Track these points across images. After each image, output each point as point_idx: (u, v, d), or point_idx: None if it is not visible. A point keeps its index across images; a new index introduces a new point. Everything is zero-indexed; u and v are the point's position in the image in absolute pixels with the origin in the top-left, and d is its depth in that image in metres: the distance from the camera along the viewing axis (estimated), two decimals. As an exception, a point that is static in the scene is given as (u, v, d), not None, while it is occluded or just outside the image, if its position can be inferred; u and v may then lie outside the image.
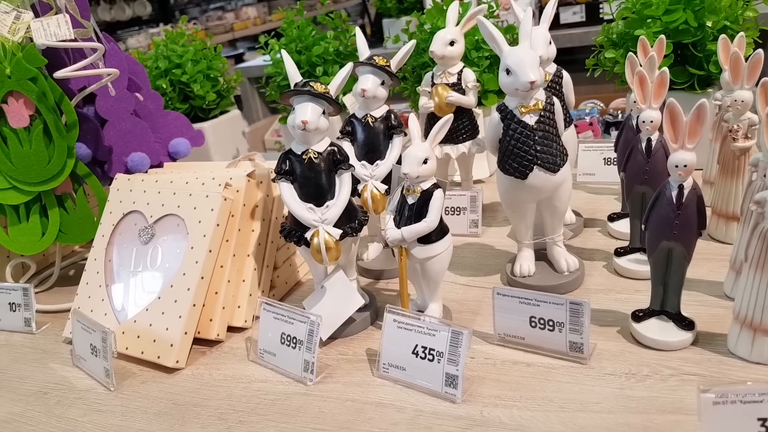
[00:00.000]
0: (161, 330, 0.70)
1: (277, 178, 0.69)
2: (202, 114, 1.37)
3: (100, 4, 4.64)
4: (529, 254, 0.78)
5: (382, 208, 0.81)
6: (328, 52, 1.22)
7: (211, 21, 4.86)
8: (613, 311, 0.70)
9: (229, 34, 4.74)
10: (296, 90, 0.67)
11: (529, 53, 0.67)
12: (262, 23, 5.09)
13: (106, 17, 4.65)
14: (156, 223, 0.77)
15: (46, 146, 0.82)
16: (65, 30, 0.78)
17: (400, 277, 0.69)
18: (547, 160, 0.70)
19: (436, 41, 0.91)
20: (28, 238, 0.87)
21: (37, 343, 0.81)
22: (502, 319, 0.66)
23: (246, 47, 5.43)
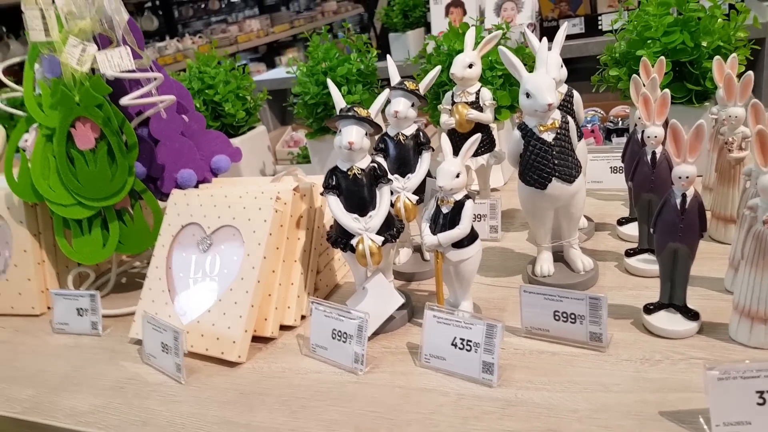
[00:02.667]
0: (223, 329, 0.79)
1: (326, 191, 0.78)
2: (232, 131, 1.46)
3: (109, 20, 4.72)
4: (548, 256, 0.87)
5: (413, 217, 0.90)
6: (351, 72, 1.31)
7: (216, 34, 4.96)
8: (626, 305, 0.79)
9: (233, 46, 4.84)
10: (342, 115, 0.76)
11: (546, 78, 0.76)
12: (265, 35, 5.20)
13: (114, 33, 4.73)
14: (213, 233, 0.86)
15: (109, 166, 0.91)
16: (127, 61, 0.87)
17: (437, 278, 0.78)
18: (564, 172, 0.79)
19: (456, 64, 1.00)
20: (90, 249, 0.96)
21: (105, 344, 0.90)
22: (529, 313, 0.75)
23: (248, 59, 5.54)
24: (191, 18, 6.28)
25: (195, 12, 6.35)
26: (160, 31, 5.20)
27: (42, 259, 1.01)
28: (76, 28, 0.87)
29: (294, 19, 5.62)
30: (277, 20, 5.57)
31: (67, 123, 0.90)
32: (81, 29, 0.88)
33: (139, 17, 5.01)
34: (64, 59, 0.87)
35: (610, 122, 2.24)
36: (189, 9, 6.26)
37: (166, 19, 5.36)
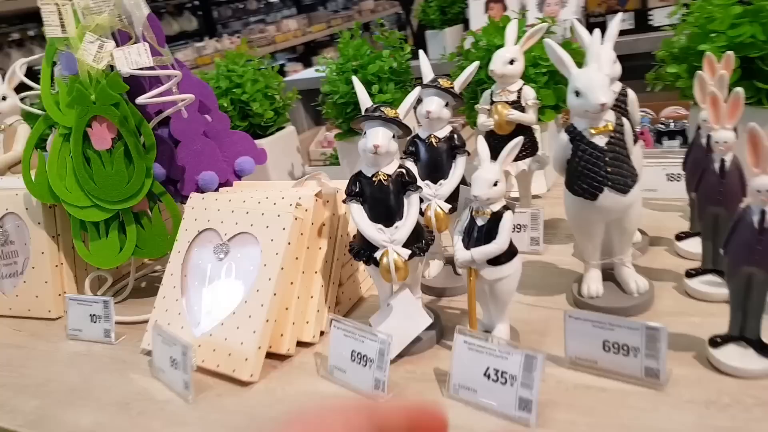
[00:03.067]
0: (236, 344, 0.73)
1: (348, 199, 0.71)
2: (260, 131, 1.41)
3: (149, 19, 4.79)
4: (596, 275, 0.78)
5: (445, 227, 0.82)
6: (383, 70, 1.24)
7: (254, 34, 4.98)
8: (687, 335, 0.69)
9: (271, 46, 4.84)
10: (367, 116, 0.69)
11: (598, 75, 0.68)
12: (302, 35, 5.19)
13: (157, 32, 4.79)
14: (230, 240, 0.80)
15: (126, 167, 0.87)
16: (145, 58, 0.83)
17: (469, 299, 0.70)
18: (618, 181, 0.70)
19: (495, 60, 0.92)
20: (107, 253, 0.92)
21: (117, 353, 0.85)
22: (574, 342, 0.66)
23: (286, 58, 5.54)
24: (230, 18, 6.33)
25: (234, 12, 6.41)
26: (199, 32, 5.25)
27: (60, 262, 0.97)
28: (93, 23, 0.83)
29: (331, 18, 5.60)
30: (315, 20, 5.56)
31: (83, 122, 0.86)
32: (98, 25, 0.84)
33: (178, 17, 5.07)
34: (80, 56, 0.83)
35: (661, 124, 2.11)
36: (228, 9, 6.32)
37: (206, 19, 5.41)
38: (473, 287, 0.69)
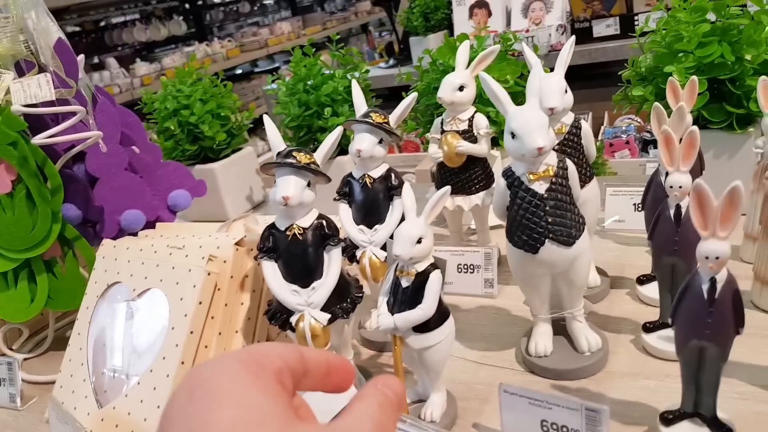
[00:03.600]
0: (139, 420, 0.65)
1: (260, 256, 0.63)
2: (213, 154, 1.33)
3: (135, 24, 4.72)
4: (545, 330, 0.70)
5: (381, 277, 0.74)
6: (337, 91, 1.16)
7: (246, 37, 4.88)
8: (640, 404, 0.62)
9: (264, 49, 4.76)
10: (278, 162, 0.61)
11: (536, 115, 0.60)
12: (297, 38, 5.09)
13: (142, 38, 4.71)
14: (140, 296, 0.72)
15: (29, 212, 0.79)
16: (46, 91, 0.75)
17: (396, 369, 0.62)
18: (560, 233, 0.62)
19: (444, 86, 0.85)
20: (16, 305, 0.84)
21: (20, 422, 0.77)
22: (511, 419, 0.58)
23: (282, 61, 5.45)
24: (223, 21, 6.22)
25: (226, 15, 6.30)
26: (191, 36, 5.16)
27: (-30, 313, 0.89)
28: (-12, 53, 0.75)
29: (327, 20, 5.50)
30: (310, 22, 5.45)
31: (-21, 164, 0.78)
32: (-4, 54, 0.76)
33: (167, 22, 4.97)
34: (-26, 90, 0.74)
35: (647, 132, 2.03)
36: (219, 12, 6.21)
37: (197, 23, 5.31)
38: (399, 357, 0.61)
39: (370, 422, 0.29)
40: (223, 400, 0.25)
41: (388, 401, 0.30)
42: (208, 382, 0.26)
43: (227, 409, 0.24)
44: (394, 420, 0.30)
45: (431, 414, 0.62)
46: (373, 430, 0.28)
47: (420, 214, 0.60)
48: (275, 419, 0.25)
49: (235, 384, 0.26)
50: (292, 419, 0.26)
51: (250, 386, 0.26)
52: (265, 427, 0.24)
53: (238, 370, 0.26)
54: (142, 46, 4.85)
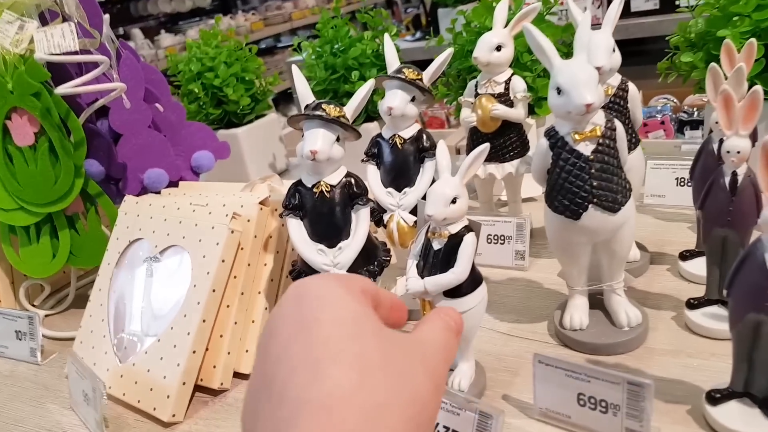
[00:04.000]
0: (159, 378, 0.64)
1: (285, 213, 0.60)
2: (237, 119, 1.30)
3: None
4: (581, 303, 0.66)
5: (410, 241, 0.71)
6: (365, 54, 1.12)
7: (270, 11, 4.83)
8: (683, 382, 0.58)
9: (288, 23, 4.71)
10: (306, 114, 0.58)
11: (585, 69, 0.56)
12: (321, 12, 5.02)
13: (167, 9, 4.69)
14: (162, 253, 0.71)
15: (52, 165, 0.77)
16: (70, 41, 0.72)
17: None
18: (606, 198, 0.58)
19: (480, 46, 0.80)
20: (38, 260, 0.82)
21: (40, 376, 0.76)
22: (545, 392, 0.55)
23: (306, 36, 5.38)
24: (248, -7, 6.15)
25: (252, -13, 6.23)
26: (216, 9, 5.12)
27: (-8, 268, 0.89)
28: (11, 0, 0.73)
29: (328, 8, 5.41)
30: (334, -5, 5.36)
31: (1, 114, 0.76)
32: (19, 1, 0.73)
33: (192, -7, 4.93)
34: (-4, 38, 0.72)
35: (683, 112, 1.95)
36: (246, -16, 6.15)
37: (222, -6, 5.26)
38: None
39: (439, 336, 0.33)
40: (327, 303, 0.29)
41: (449, 326, 0.34)
42: (313, 290, 0.30)
43: (333, 310, 0.29)
44: (455, 343, 0.34)
45: (459, 383, 0.59)
46: (441, 344, 0.32)
47: (455, 174, 0.56)
48: (369, 322, 0.29)
49: (336, 294, 0.30)
50: (381, 325, 0.30)
51: (347, 297, 0.30)
52: (362, 327, 0.29)
53: (336, 285, 0.31)
54: (166, 17, 4.83)
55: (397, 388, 0.28)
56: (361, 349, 0.28)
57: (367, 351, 0.28)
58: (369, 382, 0.27)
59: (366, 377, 0.27)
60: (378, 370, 0.27)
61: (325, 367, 0.27)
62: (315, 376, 0.26)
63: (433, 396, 0.29)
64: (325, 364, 0.27)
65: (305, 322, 0.28)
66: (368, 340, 0.28)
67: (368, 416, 0.26)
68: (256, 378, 0.29)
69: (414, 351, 0.30)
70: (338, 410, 0.26)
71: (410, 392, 0.28)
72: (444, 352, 0.32)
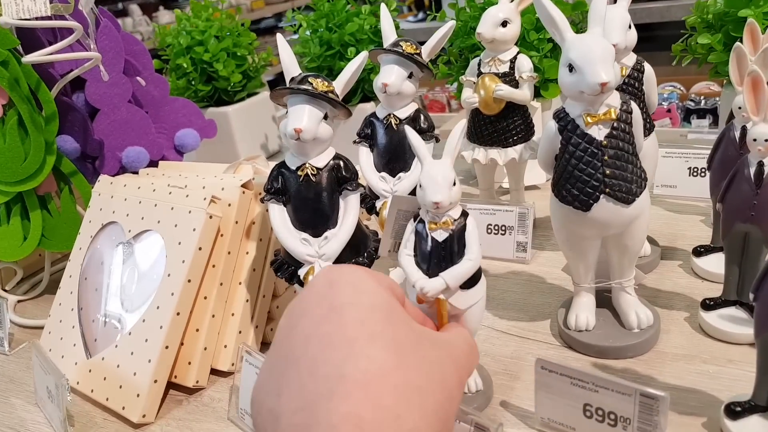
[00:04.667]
0: (128, 374, 0.59)
1: (266, 198, 0.55)
2: (227, 97, 1.24)
3: (160, -32, 4.58)
4: (588, 301, 0.61)
5: None
6: (362, 30, 1.06)
7: (273, -14, 4.73)
8: (698, 391, 0.53)
9: (290, 2, 4.61)
10: (291, 88, 0.52)
11: (600, 44, 0.50)
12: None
13: (166, -18, 4.58)
14: (135, 238, 0.65)
15: (21, 141, 0.71)
16: (41, 5, 0.66)
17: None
18: (619, 188, 0.53)
19: (485, 21, 0.74)
20: (8, 243, 0.77)
21: (8, 367, 0.71)
22: (547, 400, 0.50)
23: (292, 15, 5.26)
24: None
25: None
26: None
27: (-39, 249, 0.83)
28: (-25, -41, 0.67)
29: None
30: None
31: (-35, 84, 0.70)
32: (-16, -39, 0.67)
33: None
34: (-41, 0, 0.66)
35: (690, 101, 1.90)
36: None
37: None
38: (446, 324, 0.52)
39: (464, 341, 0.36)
40: (361, 291, 0.30)
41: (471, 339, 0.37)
42: (346, 277, 0.31)
43: (367, 297, 0.30)
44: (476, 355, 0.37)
45: (476, 384, 0.54)
46: (467, 347, 0.35)
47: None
48: (401, 313, 0.31)
49: (368, 284, 0.31)
50: (411, 318, 0.31)
51: (379, 288, 0.31)
52: (395, 315, 0.30)
53: (368, 276, 0.32)
54: (166, -11, 4.73)
55: (430, 373, 0.29)
56: (395, 333, 0.29)
57: (401, 336, 0.29)
58: (405, 363, 0.28)
59: (402, 359, 0.28)
60: (412, 355, 0.29)
61: (361, 346, 0.27)
62: (350, 353, 0.27)
63: (459, 391, 0.31)
64: (360, 343, 0.28)
65: (338, 305, 0.29)
66: (401, 327, 0.30)
67: (403, 396, 0.27)
68: (278, 356, 0.29)
69: (443, 346, 0.32)
70: (374, 387, 0.26)
71: (441, 380, 0.29)
72: (469, 357, 0.35)
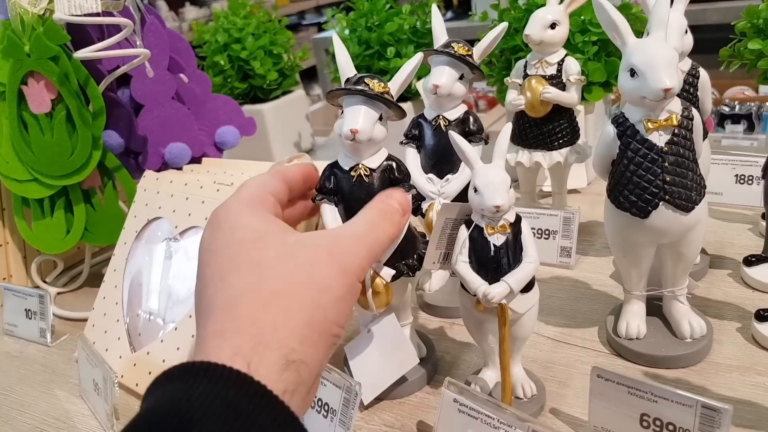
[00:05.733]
0: (174, 370, 0.59)
1: (318, 197, 0.54)
2: (262, 94, 1.24)
3: (187, -34, 4.62)
4: (639, 309, 0.60)
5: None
6: (402, 30, 1.05)
7: (297, -14, 4.75)
8: (754, 404, 0.52)
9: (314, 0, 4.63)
10: (347, 89, 0.52)
11: (664, 49, 0.49)
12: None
13: (193, -19, 4.62)
14: (182, 234, 0.66)
15: (69, 135, 0.72)
16: (92, 2, 0.67)
17: (503, 351, 0.51)
18: (679, 195, 0.51)
19: (533, 23, 0.74)
20: (52, 236, 0.78)
21: (50, 359, 0.72)
22: (602, 409, 0.49)
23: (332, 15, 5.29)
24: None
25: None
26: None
27: (5, 241, 0.84)
28: (30, -44, 0.67)
29: None
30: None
31: (17, 79, 0.71)
32: (38, -43, 0.68)
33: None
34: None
35: (724, 105, 1.87)
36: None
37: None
38: (509, 330, 0.51)
39: (364, 224, 0.40)
40: (235, 229, 0.36)
41: (390, 209, 0.42)
42: (222, 218, 0.38)
43: (238, 233, 0.36)
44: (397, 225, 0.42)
45: (531, 388, 0.54)
46: (367, 230, 0.39)
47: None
48: (272, 233, 0.36)
49: (241, 218, 0.37)
50: (288, 230, 0.37)
51: (251, 218, 0.37)
52: (263, 237, 0.35)
53: (242, 209, 0.38)
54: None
55: (292, 276, 0.33)
56: (260, 255, 0.34)
57: (265, 255, 0.34)
58: (265, 277, 0.33)
59: (263, 276, 0.33)
60: (273, 268, 0.33)
61: (227, 278, 0.33)
62: (220, 286, 0.33)
63: (341, 277, 0.34)
64: (228, 276, 0.34)
65: (214, 249, 0.36)
66: (268, 246, 0.35)
67: (262, 304, 0.32)
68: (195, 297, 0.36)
69: (319, 243, 0.36)
70: (236, 306, 0.32)
71: (308, 277, 0.33)
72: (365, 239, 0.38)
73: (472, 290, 0.50)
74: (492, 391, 0.55)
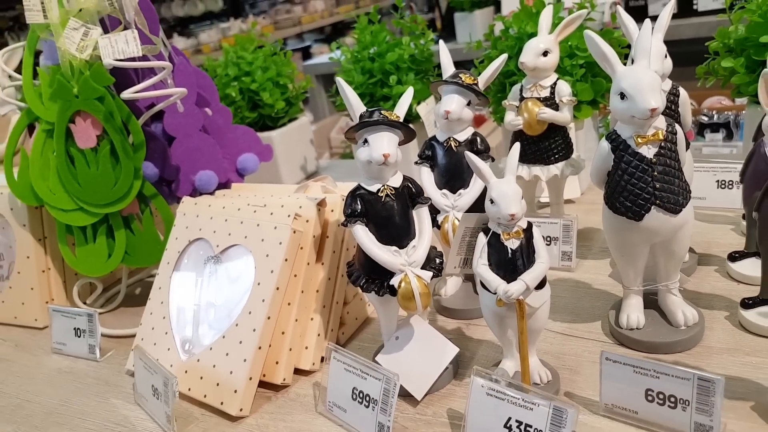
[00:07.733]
0: (225, 373, 0.65)
1: (350, 221, 0.61)
2: (271, 122, 1.32)
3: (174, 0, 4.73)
4: (637, 302, 0.68)
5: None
6: (402, 59, 1.14)
7: (280, 15, 4.87)
8: (743, 379, 0.59)
9: (297, 27, 4.75)
10: (370, 122, 0.59)
11: (649, 75, 0.57)
12: (330, 15, 5.07)
13: (180, 13, 4.73)
14: (222, 253, 0.72)
15: (112, 167, 0.79)
16: (133, 47, 0.74)
17: (522, 343, 0.58)
18: (668, 200, 0.59)
19: (527, 51, 0.82)
20: (94, 260, 0.84)
21: (101, 372, 0.78)
22: (611, 388, 0.56)
23: (313, 39, 5.42)
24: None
25: (261, -9, 6.26)
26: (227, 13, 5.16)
27: (47, 267, 0.91)
28: (77, 8, 0.75)
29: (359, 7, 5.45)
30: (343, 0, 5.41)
31: (65, 118, 0.78)
32: (84, 9, 0.75)
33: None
34: (62, 44, 0.74)
35: (703, 115, 1.97)
36: (255, -12, 6.18)
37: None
38: (526, 325, 0.58)
39: None
40: None
41: None
42: None
43: None
44: None
45: (546, 375, 0.61)
46: None
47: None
48: None
49: None
50: None
51: None
52: None
53: None
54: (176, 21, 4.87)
55: None
56: None
57: None
58: None
59: None
60: None
61: None
62: None
63: None
64: None
65: None
66: None
67: None
68: None
69: None
70: None
71: None
72: None
73: (492, 289, 0.57)
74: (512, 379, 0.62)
